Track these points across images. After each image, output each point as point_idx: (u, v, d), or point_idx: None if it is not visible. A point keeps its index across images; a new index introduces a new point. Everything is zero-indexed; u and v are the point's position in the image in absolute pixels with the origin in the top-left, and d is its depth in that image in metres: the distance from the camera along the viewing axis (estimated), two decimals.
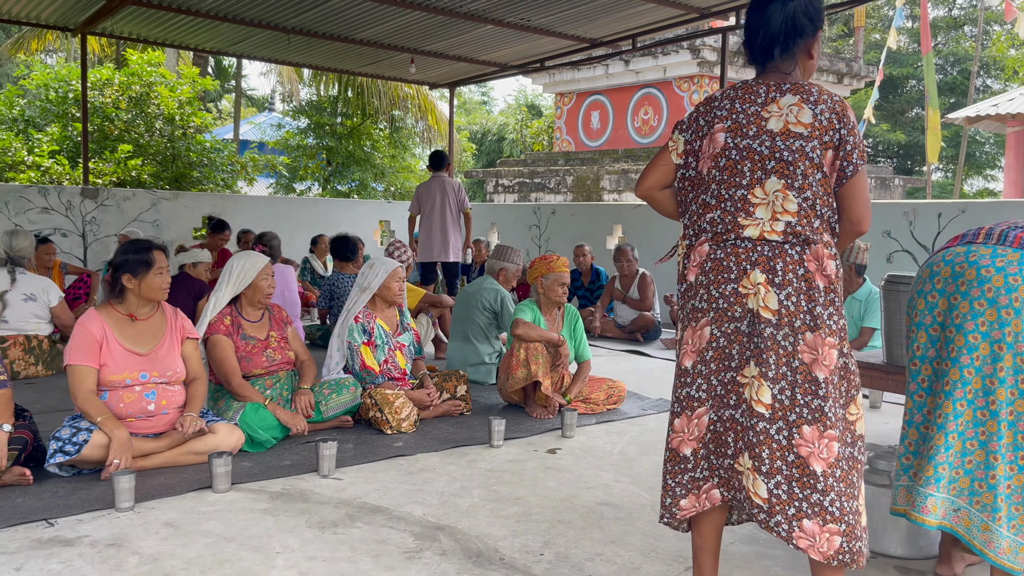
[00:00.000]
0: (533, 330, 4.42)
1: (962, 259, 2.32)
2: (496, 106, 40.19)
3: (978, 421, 2.27)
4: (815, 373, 2.04)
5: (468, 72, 11.06)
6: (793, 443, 2.03)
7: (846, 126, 2.09)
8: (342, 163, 16.60)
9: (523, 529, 2.90)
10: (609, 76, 13.61)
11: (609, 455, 3.87)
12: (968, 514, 2.28)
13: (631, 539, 2.84)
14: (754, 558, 2.70)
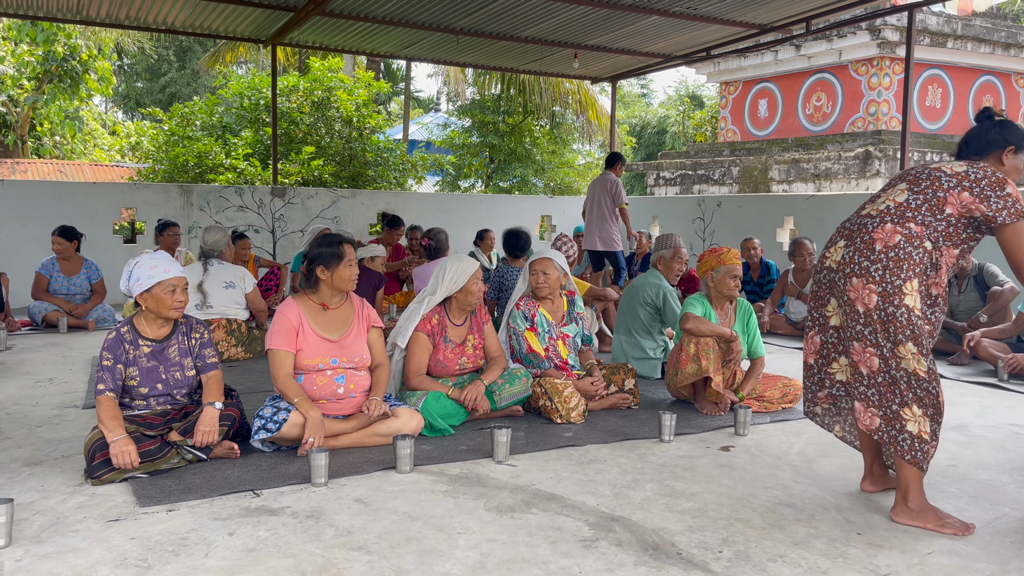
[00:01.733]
0: (704, 324, 4.33)
1: None
2: (656, 98, 39.59)
3: None
4: (857, 307, 2.82)
5: (630, 65, 10.97)
6: (849, 352, 2.90)
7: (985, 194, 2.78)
8: (504, 160, 16.96)
9: (700, 525, 2.85)
10: (778, 62, 13.05)
11: (786, 455, 3.73)
12: None
13: (815, 542, 2.72)
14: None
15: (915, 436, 2.75)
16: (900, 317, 2.74)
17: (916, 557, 2.62)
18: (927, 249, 2.79)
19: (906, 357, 2.75)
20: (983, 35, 12.17)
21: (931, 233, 2.82)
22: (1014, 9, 20.62)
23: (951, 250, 2.85)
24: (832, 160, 11.13)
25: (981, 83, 12.74)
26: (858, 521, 2.92)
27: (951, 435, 4.01)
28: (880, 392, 2.84)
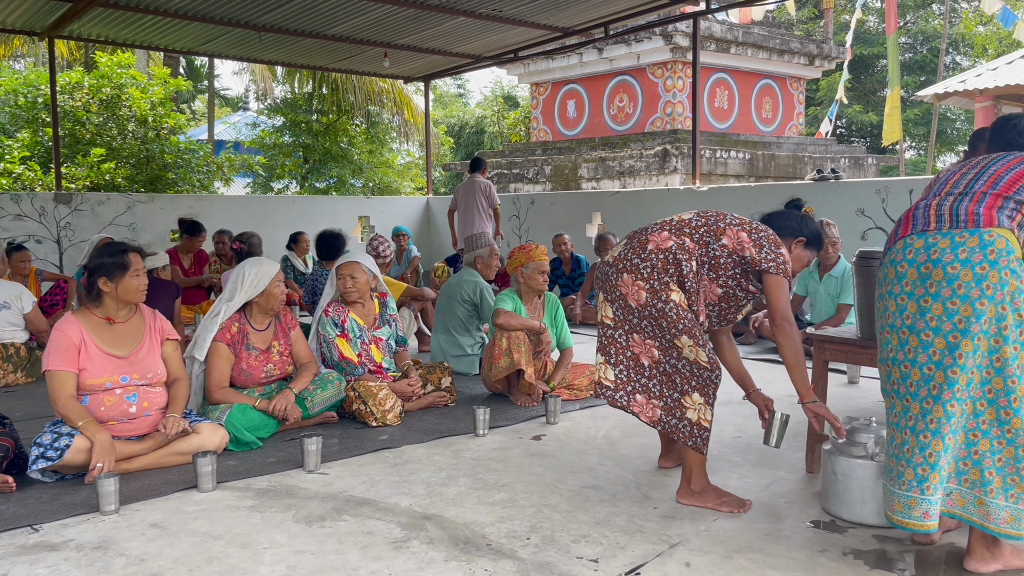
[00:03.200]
0: (514, 319, 4.44)
1: (924, 257, 2.34)
2: (473, 98, 40.07)
3: (964, 412, 2.32)
4: (630, 303, 2.96)
5: (442, 65, 11.04)
6: (629, 344, 2.99)
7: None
8: (319, 160, 16.51)
9: (510, 515, 2.92)
10: (583, 65, 13.62)
11: (593, 439, 3.90)
12: (960, 494, 2.36)
13: (616, 520, 2.87)
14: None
15: (695, 423, 2.89)
16: (670, 313, 2.88)
17: (704, 524, 2.83)
18: (693, 268, 2.94)
19: (684, 348, 2.89)
20: (761, 42, 13.33)
21: (701, 255, 2.96)
22: (787, 19, 22.80)
23: (713, 284, 2.99)
24: (635, 158, 11.78)
25: (761, 86, 13.96)
26: (655, 496, 3.11)
27: (738, 409, 4.37)
28: (661, 382, 2.96)
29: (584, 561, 2.54)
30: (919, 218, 2.44)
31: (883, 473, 2.51)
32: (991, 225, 2.30)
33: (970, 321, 2.26)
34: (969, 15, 25.47)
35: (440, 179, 27.99)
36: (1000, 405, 2.30)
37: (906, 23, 27.01)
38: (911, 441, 2.36)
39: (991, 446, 2.32)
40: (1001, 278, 2.25)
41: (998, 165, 2.43)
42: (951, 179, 2.50)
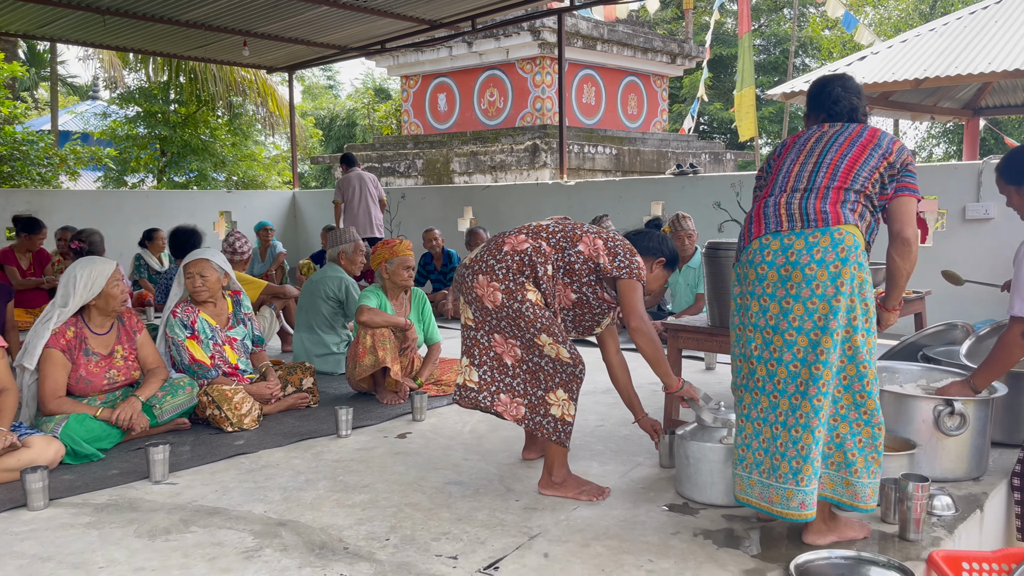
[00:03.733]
0: (378, 315, 4.36)
1: (783, 259, 2.43)
2: (344, 90, 39.21)
3: (833, 400, 2.44)
4: (486, 304, 2.95)
5: (307, 55, 10.72)
6: (491, 344, 2.99)
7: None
8: (177, 153, 15.69)
9: (369, 516, 2.86)
10: (453, 58, 13.57)
11: (460, 435, 3.88)
12: (829, 477, 2.48)
13: (478, 515, 2.86)
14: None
15: (558, 419, 2.92)
16: (527, 312, 2.89)
17: (564, 514, 2.86)
18: (548, 272, 2.97)
19: (545, 346, 2.91)
20: (626, 40, 13.71)
21: (557, 259, 3.01)
22: (651, 18, 23.58)
23: (568, 290, 3.05)
24: (506, 153, 11.86)
25: (627, 83, 14.37)
26: (518, 488, 3.13)
27: (601, 398, 4.46)
28: (525, 380, 2.98)
29: (443, 559, 2.51)
30: (771, 216, 2.52)
31: (735, 461, 2.60)
32: (839, 223, 2.42)
33: (828, 319, 2.37)
34: (817, 19, 27.17)
35: (311, 173, 27.25)
36: (855, 390, 2.44)
37: (760, 26, 28.53)
38: (783, 436, 2.44)
39: (851, 429, 2.45)
40: (851, 273, 2.38)
41: (833, 152, 2.55)
42: (792, 170, 2.59)
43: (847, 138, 2.58)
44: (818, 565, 2.43)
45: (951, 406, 3.03)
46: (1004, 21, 9.83)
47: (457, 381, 3.06)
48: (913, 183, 2.57)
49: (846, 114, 2.68)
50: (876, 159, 2.52)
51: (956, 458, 3.10)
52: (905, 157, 2.56)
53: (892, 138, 2.57)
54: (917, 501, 2.59)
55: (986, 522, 2.93)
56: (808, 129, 2.70)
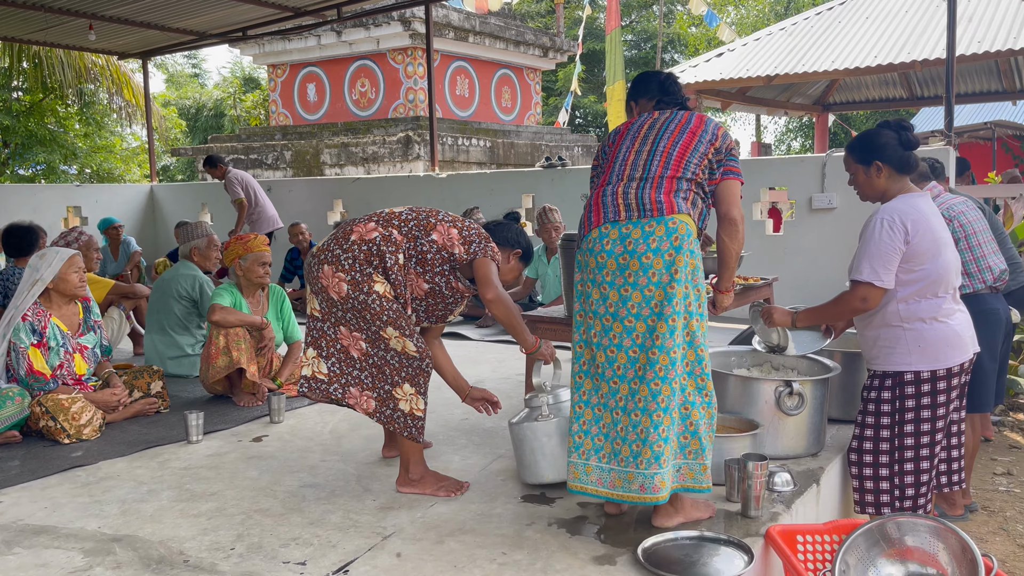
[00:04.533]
0: (232, 314, 4.17)
1: (621, 248, 2.49)
2: (211, 79, 37.55)
3: (673, 390, 2.50)
4: (331, 295, 2.88)
5: (162, 41, 10.14)
6: (337, 336, 2.93)
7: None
8: (22, 144, 14.58)
9: (215, 525, 2.72)
10: (322, 47, 13.20)
11: (319, 435, 3.77)
12: (689, 467, 2.54)
13: (331, 518, 2.78)
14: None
15: (407, 414, 2.87)
16: (373, 304, 2.83)
17: (420, 511, 2.82)
18: (399, 261, 2.91)
19: (391, 339, 2.86)
20: (498, 32, 13.75)
21: (409, 248, 2.95)
22: (523, 11, 23.81)
23: (420, 279, 2.99)
24: (378, 144, 11.65)
25: (500, 75, 14.42)
26: (375, 488, 3.06)
27: None
28: (372, 374, 2.92)
29: (291, 565, 2.42)
30: (609, 205, 2.58)
31: (570, 448, 2.61)
32: (673, 212, 2.50)
33: (664, 305, 2.45)
34: (684, 17, 28.19)
35: (177, 166, 25.96)
36: (696, 374, 2.53)
37: (632, 22, 29.33)
38: (623, 420, 2.50)
39: (700, 414, 2.53)
40: (685, 260, 2.47)
41: (665, 140, 2.63)
42: (628, 158, 2.65)
43: (677, 125, 2.67)
44: (664, 547, 2.50)
45: (790, 387, 3.19)
46: (847, 22, 10.50)
47: (304, 373, 2.96)
48: (737, 167, 2.71)
49: (676, 102, 2.81)
50: (704, 145, 2.63)
51: (796, 436, 3.27)
52: (729, 142, 2.69)
53: (717, 124, 2.69)
54: (756, 479, 2.71)
55: (823, 495, 3.11)
56: (639, 117, 2.78)
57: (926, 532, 2.42)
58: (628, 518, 2.74)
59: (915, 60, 8.66)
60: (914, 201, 2.86)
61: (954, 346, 2.88)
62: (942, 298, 2.87)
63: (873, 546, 2.48)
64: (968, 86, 11.80)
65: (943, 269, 2.84)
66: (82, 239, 5.36)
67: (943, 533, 2.39)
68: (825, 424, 3.39)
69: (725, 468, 2.89)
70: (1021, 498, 4.12)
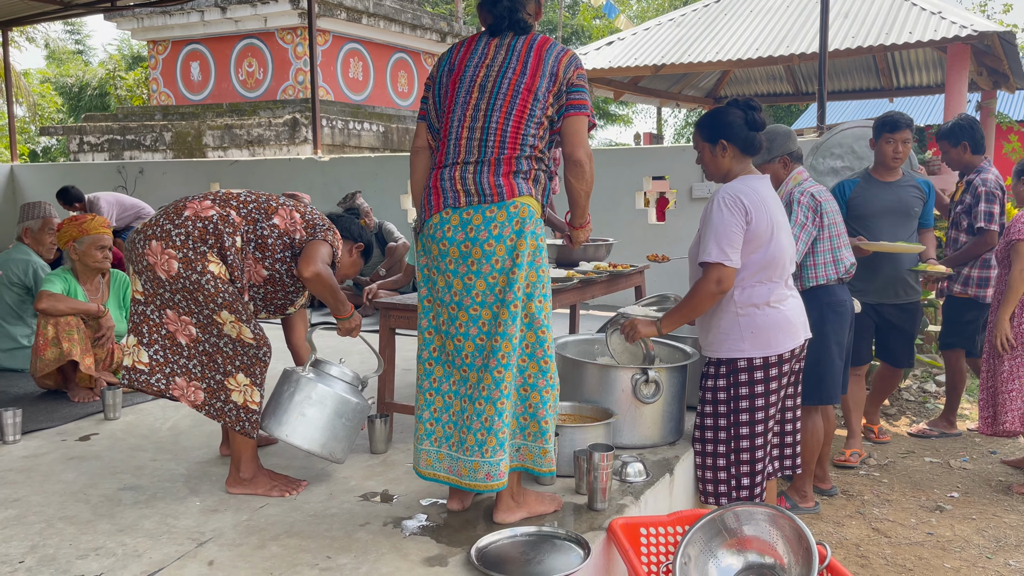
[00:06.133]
0: (62, 302, 3.82)
1: (463, 236, 2.36)
2: (97, 56, 35.58)
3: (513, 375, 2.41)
4: (159, 274, 2.64)
5: (23, 10, 9.38)
6: (163, 321, 2.68)
7: None
8: None
9: (8, 536, 2.44)
10: (206, 24, 12.56)
11: (156, 432, 3.49)
12: (528, 448, 2.47)
13: (145, 523, 2.53)
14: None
15: (241, 406, 2.68)
16: (207, 285, 2.63)
17: (248, 514, 2.61)
18: (237, 244, 2.73)
19: (225, 324, 2.66)
20: (393, 15, 13.41)
21: (248, 231, 2.78)
22: None
23: (259, 265, 2.82)
24: (264, 127, 11.18)
25: (396, 59, 14.08)
26: (204, 489, 2.83)
27: None
28: (202, 363, 2.70)
29: None
30: (448, 191, 2.42)
31: (420, 436, 2.49)
32: (514, 195, 2.37)
33: (506, 291, 2.35)
34: (587, 8, 28.39)
35: (58, 147, 24.42)
36: (538, 356, 2.43)
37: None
38: (469, 409, 2.40)
39: (541, 396, 2.43)
40: (527, 243, 2.36)
41: (497, 112, 2.41)
42: (462, 133, 2.43)
43: (508, 92, 2.42)
44: (500, 545, 2.37)
45: (646, 374, 3.12)
46: (735, 13, 10.69)
47: (125, 363, 2.70)
48: (581, 99, 2.45)
49: (509, 21, 2.48)
50: (542, 93, 2.40)
51: (652, 424, 3.21)
52: (571, 74, 2.44)
53: (560, 51, 2.45)
54: (602, 471, 2.62)
55: (676, 485, 3.05)
56: (475, 47, 2.51)
57: (764, 520, 2.38)
58: (471, 515, 2.61)
59: (793, 53, 8.87)
60: (753, 183, 2.82)
61: (785, 332, 2.85)
62: (776, 283, 2.85)
63: (714, 537, 2.42)
64: (848, 83, 12.23)
65: (778, 253, 2.81)
66: None
67: (779, 521, 2.34)
68: (683, 412, 3.34)
69: (574, 459, 2.79)
70: (879, 481, 4.22)
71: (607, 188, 6.43)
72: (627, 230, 6.55)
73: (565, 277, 3.72)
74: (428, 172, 2.55)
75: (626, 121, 29.76)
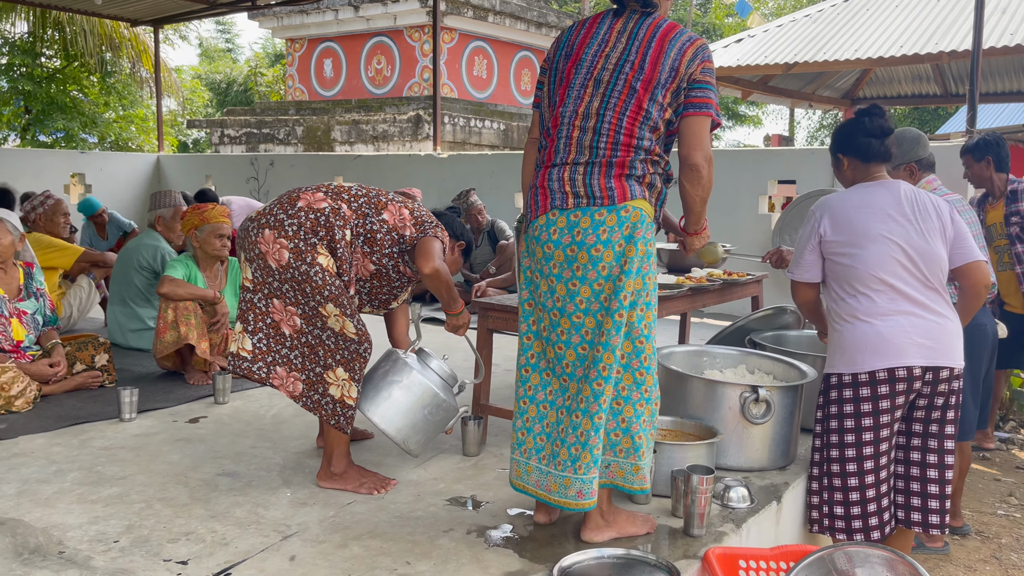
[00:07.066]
0: (181, 287, 3.97)
1: (569, 239, 2.25)
2: (243, 55, 37.69)
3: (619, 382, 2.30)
4: (269, 263, 2.64)
5: (173, 9, 9.98)
6: (269, 310, 2.68)
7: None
8: (43, 111, 14.58)
9: (109, 514, 2.52)
10: (340, 22, 13.00)
11: (259, 419, 3.56)
12: (619, 465, 2.33)
13: (236, 511, 2.56)
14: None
15: (338, 400, 2.66)
16: (315, 277, 2.62)
17: (335, 510, 2.59)
18: (347, 237, 2.73)
19: (330, 317, 2.65)
20: (518, 13, 13.42)
21: (358, 225, 2.78)
22: None
23: (367, 260, 2.81)
24: (389, 123, 11.43)
25: (520, 57, 14.11)
26: (296, 481, 2.84)
27: None
28: (304, 354, 2.71)
29: (170, 564, 2.21)
30: (556, 191, 2.31)
31: (513, 445, 2.41)
32: (625, 199, 2.24)
33: (611, 299, 2.23)
34: (719, 6, 27.58)
35: (206, 140, 25.98)
36: (634, 367, 2.30)
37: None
38: (565, 421, 2.31)
39: (635, 410, 2.31)
40: (637, 250, 2.23)
41: (611, 112, 2.27)
42: (573, 133, 2.32)
43: (633, 64, 2.25)
44: (585, 566, 2.25)
45: (756, 392, 2.91)
46: (877, 9, 10.02)
47: (231, 349, 2.74)
48: (704, 97, 2.26)
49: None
50: (659, 95, 2.24)
51: (760, 446, 2.99)
52: (696, 67, 2.25)
53: (685, 42, 2.25)
54: (701, 495, 2.44)
55: (784, 515, 2.83)
56: (596, 29, 2.36)
57: (880, 564, 2.14)
58: (558, 529, 2.49)
59: (942, 51, 8.19)
60: (856, 192, 2.67)
61: (877, 349, 2.56)
62: (865, 295, 2.59)
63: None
64: (1003, 84, 11.24)
65: (868, 264, 2.57)
66: (48, 203, 5.21)
67: (898, 567, 2.11)
68: (796, 435, 3.10)
69: (671, 479, 2.63)
70: (1021, 523, 3.81)
71: (728, 190, 6.14)
72: (747, 236, 6.23)
73: (674, 284, 3.53)
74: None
75: (756, 122, 28.71)
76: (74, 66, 14.53)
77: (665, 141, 2.36)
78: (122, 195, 10.16)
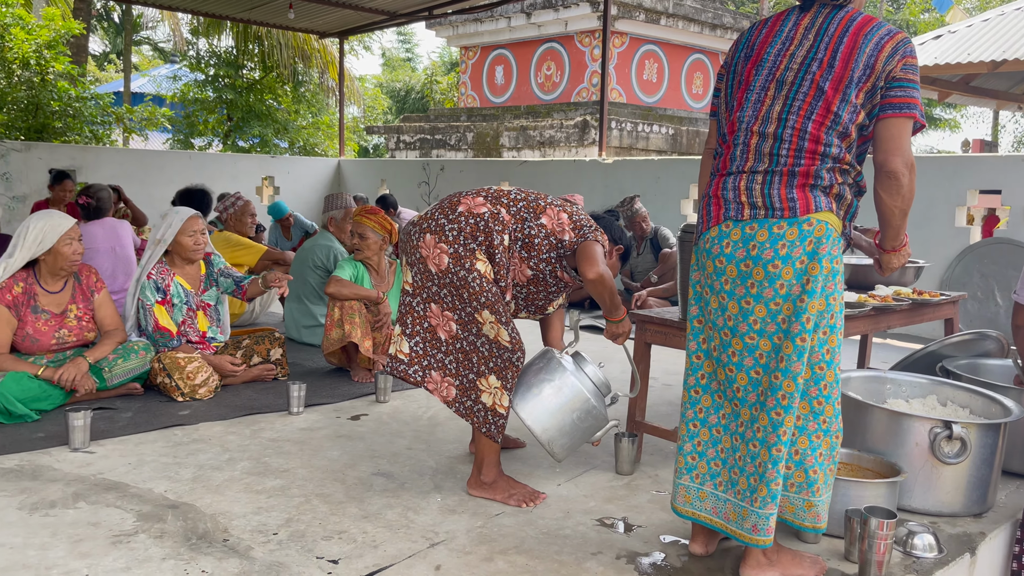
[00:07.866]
0: (346, 287, 4.11)
1: (744, 253, 2.08)
2: (421, 63, 39.32)
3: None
4: (429, 267, 2.65)
5: (356, 20, 10.54)
6: (426, 314, 2.69)
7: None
8: (242, 118, 15.84)
9: (271, 505, 2.62)
10: (512, 29, 13.20)
11: (417, 421, 3.62)
12: (789, 500, 2.18)
13: (387, 513, 2.59)
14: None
15: (489, 408, 2.63)
16: (472, 283, 2.60)
17: (483, 520, 2.56)
18: (505, 242, 2.70)
19: (485, 324, 2.63)
20: (692, 15, 13.06)
21: (516, 230, 2.74)
22: None
23: (524, 265, 2.77)
24: (556, 128, 11.46)
25: (692, 60, 13.72)
26: (447, 486, 2.84)
27: None
28: (458, 360, 2.69)
29: (322, 562, 2.25)
30: (731, 201, 2.14)
31: (680, 469, 2.27)
32: (809, 211, 2.05)
33: (791, 321, 2.05)
34: (914, 2, 25.62)
35: (383, 144, 27.34)
36: (812, 395, 2.12)
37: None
38: (742, 449, 2.16)
39: (810, 442, 2.13)
40: (821, 268, 2.03)
41: (795, 116, 2.09)
42: (751, 140, 2.16)
43: (822, 63, 2.06)
44: None
45: (949, 429, 2.59)
46: None
47: (390, 351, 2.78)
48: (904, 97, 2.03)
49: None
50: (852, 96, 2.03)
51: (953, 489, 2.66)
52: (896, 64, 2.03)
53: (883, 36, 2.04)
54: (881, 540, 2.19)
55: (979, 569, 2.50)
56: (781, 25, 2.18)
57: None
58: (714, 563, 2.32)
59: None
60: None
61: None
62: None
63: None
64: None
65: None
66: (238, 204, 5.58)
67: None
68: (996, 479, 2.74)
69: (846, 519, 2.38)
70: None
71: (920, 201, 5.59)
72: (942, 251, 5.67)
73: (856, 302, 3.23)
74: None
75: (953, 126, 26.41)
76: (271, 76, 15.70)
77: (858, 150, 2.13)
78: (306, 197, 10.83)
